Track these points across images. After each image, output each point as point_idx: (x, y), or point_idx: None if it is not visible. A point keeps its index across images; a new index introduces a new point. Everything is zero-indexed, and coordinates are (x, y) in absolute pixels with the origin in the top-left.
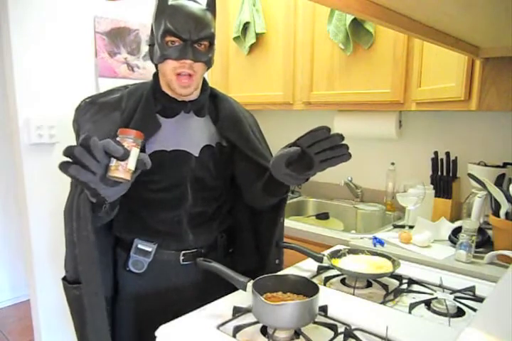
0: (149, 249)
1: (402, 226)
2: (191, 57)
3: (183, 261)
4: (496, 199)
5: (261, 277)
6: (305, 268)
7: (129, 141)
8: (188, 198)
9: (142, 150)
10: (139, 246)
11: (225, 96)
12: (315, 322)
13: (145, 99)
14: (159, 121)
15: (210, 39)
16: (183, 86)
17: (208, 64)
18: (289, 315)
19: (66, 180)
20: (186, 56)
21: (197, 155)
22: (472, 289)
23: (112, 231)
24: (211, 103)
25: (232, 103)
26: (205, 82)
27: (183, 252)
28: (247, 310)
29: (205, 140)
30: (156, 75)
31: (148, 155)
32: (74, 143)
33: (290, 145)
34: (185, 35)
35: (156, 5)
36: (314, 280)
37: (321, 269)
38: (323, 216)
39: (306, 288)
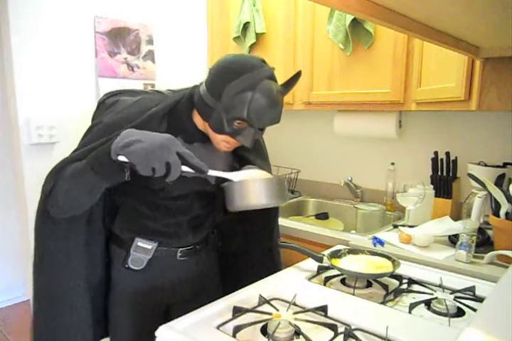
0: (149, 247)
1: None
2: (250, 144)
3: (179, 257)
4: (496, 199)
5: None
6: (305, 268)
7: None
8: (194, 207)
9: None
10: (139, 243)
11: None
12: (315, 322)
13: (150, 116)
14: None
15: None
16: (228, 147)
17: None
18: (262, 190)
19: None
20: (247, 142)
21: (213, 182)
22: (472, 289)
23: (105, 227)
24: None
25: None
26: None
27: (181, 249)
28: (247, 310)
29: (221, 165)
30: (189, 101)
31: None
32: (74, 142)
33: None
34: (257, 126)
35: (247, 77)
36: (314, 280)
37: (321, 269)
38: (322, 216)
39: None
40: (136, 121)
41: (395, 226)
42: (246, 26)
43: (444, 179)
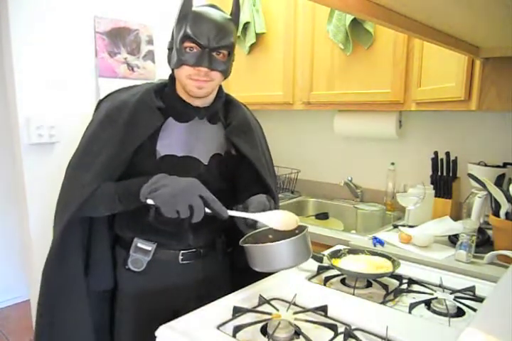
0: (149, 248)
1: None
2: (207, 65)
3: (181, 260)
4: (496, 199)
5: (249, 235)
6: (305, 268)
7: None
8: None
9: (153, 153)
10: (139, 244)
11: (238, 104)
12: (315, 322)
13: (144, 94)
14: (161, 116)
15: (229, 48)
16: (198, 86)
17: (225, 73)
18: (287, 252)
19: None
20: (202, 63)
21: (206, 163)
22: (472, 289)
23: (113, 230)
24: (224, 109)
25: (245, 111)
26: (220, 89)
27: (182, 252)
28: (247, 310)
29: (215, 148)
30: (171, 78)
31: (159, 159)
32: (74, 142)
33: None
34: (204, 42)
35: (179, 9)
36: (314, 280)
37: (321, 269)
38: (322, 216)
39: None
40: (132, 101)
41: (395, 226)
42: (246, 26)
43: (444, 179)
